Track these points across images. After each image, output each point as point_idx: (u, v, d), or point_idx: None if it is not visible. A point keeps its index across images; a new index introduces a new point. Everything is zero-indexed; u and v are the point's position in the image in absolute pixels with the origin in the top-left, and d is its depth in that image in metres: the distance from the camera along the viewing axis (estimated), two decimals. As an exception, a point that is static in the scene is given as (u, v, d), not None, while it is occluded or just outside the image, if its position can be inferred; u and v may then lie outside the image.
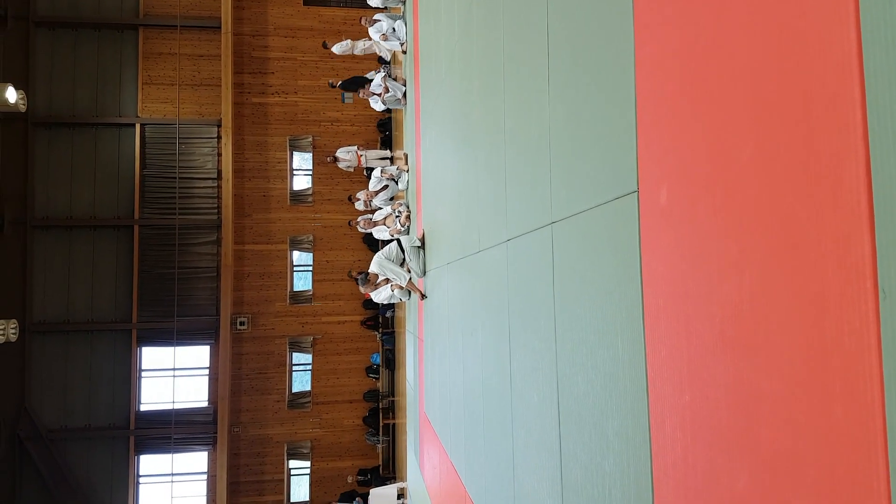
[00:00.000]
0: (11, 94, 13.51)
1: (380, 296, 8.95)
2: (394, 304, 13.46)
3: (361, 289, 8.76)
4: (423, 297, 7.96)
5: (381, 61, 14.94)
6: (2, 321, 13.37)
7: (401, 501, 11.42)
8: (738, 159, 1.43)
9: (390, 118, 15.47)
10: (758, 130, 1.36)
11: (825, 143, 1.17)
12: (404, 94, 11.56)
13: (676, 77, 1.73)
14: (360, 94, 12.54)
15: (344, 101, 16.63)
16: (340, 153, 13.76)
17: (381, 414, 14.89)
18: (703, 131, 1.58)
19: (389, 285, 8.49)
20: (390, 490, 11.80)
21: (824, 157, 1.17)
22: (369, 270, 8.43)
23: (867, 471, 1.07)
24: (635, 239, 1.92)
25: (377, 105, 12.32)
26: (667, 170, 1.76)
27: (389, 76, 12.17)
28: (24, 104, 14.13)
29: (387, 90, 11.73)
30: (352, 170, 14.02)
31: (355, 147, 13.82)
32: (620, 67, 2.06)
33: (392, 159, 13.88)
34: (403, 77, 11.99)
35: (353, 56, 15.44)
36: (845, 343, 1.12)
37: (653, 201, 1.83)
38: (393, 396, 14.60)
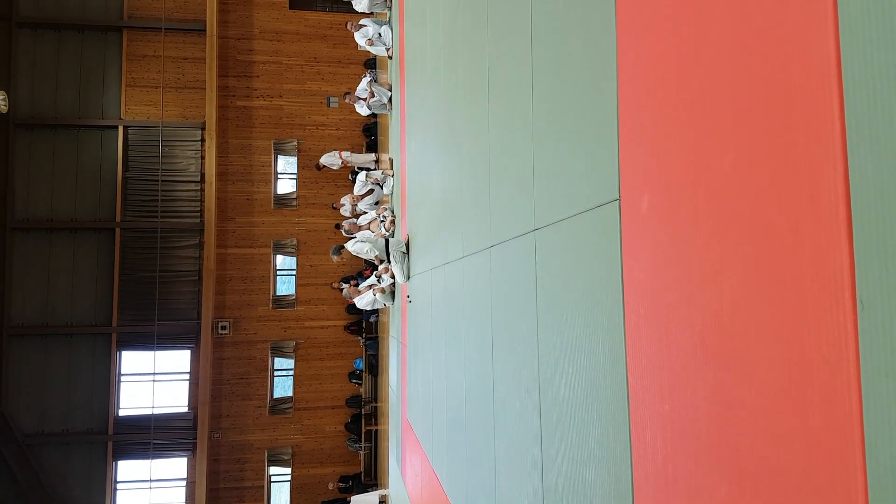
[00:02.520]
0: (-8, 95, 13.37)
1: (363, 301, 8.96)
2: (377, 309, 13.43)
3: (332, 257, 8.84)
4: (391, 277, 8.00)
5: (367, 63, 14.96)
6: (-21, 324, 13.18)
7: (382, 508, 11.35)
8: (719, 168, 1.43)
9: (376, 123, 15.46)
10: (738, 139, 1.36)
11: (804, 152, 1.17)
12: (390, 100, 11.57)
13: (659, 85, 1.73)
14: (346, 100, 12.53)
15: (329, 106, 16.61)
16: (325, 160, 13.73)
17: (363, 420, 14.82)
18: (685, 140, 1.59)
19: (372, 290, 8.49)
20: (372, 497, 11.74)
21: (803, 167, 1.17)
22: (346, 245, 8.50)
23: (846, 481, 1.07)
24: (617, 247, 1.92)
25: (363, 110, 12.32)
26: (648, 178, 1.76)
27: (375, 81, 12.17)
28: (5, 105, 13.99)
29: (372, 95, 11.73)
30: (335, 167, 14.01)
31: (337, 152, 13.81)
32: (603, 75, 2.07)
33: (378, 161, 13.88)
34: (389, 82, 11.99)
35: (340, 62, 15.46)
36: (824, 353, 1.12)
37: (634, 209, 1.83)
38: (376, 402, 14.54)
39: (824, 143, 1.13)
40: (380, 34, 11.59)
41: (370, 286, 9.52)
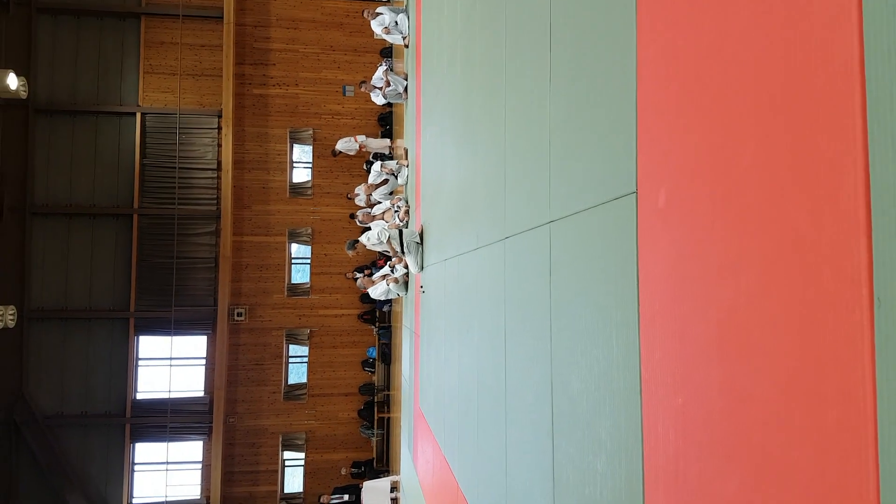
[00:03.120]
0: (13, 81, 13.47)
1: (376, 291, 8.98)
2: (391, 299, 13.47)
3: (347, 251, 8.84)
4: (405, 267, 7.98)
5: (383, 52, 14.93)
6: (0, 307, 13.35)
7: (394, 495, 11.44)
8: (738, 163, 1.42)
9: (391, 112, 15.45)
10: (758, 133, 1.35)
11: (825, 148, 1.16)
12: (405, 89, 11.53)
13: (678, 78, 1.72)
14: (362, 88, 12.50)
15: (345, 95, 16.60)
16: (341, 146, 13.72)
17: (375, 407, 14.90)
18: (704, 133, 1.58)
19: (385, 280, 8.50)
20: (383, 483, 11.83)
21: (823, 163, 1.16)
22: (366, 236, 8.48)
23: (858, 476, 1.07)
24: (633, 240, 1.92)
25: (378, 99, 12.29)
26: (666, 171, 1.75)
27: (391, 70, 12.14)
28: (25, 91, 14.08)
29: (388, 84, 11.69)
30: (352, 153, 13.94)
31: (352, 137, 13.79)
32: (622, 67, 2.05)
33: (392, 148, 13.86)
34: (405, 71, 11.96)
35: (356, 50, 15.43)
36: (839, 350, 1.11)
37: (651, 203, 1.83)
38: (388, 390, 14.61)
39: (845, 138, 1.12)
40: (396, 22, 11.55)
41: (384, 276, 9.55)
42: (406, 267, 8.34)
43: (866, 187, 1.07)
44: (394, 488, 11.52)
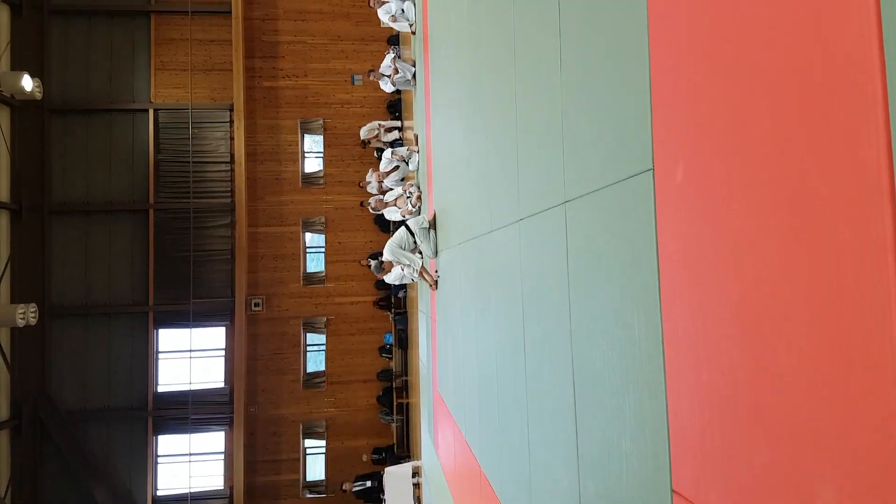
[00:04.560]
0: (27, 83, 13.54)
1: (391, 276, 8.98)
2: (406, 284, 13.50)
3: (376, 274, 8.81)
4: (435, 286, 7.92)
5: (391, 40, 14.87)
6: (22, 305, 13.50)
7: (415, 480, 11.51)
8: (755, 135, 1.40)
9: (400, 99, 15.41)
10: (776, 104, 1.33)
11: (844, 117, 1.14)
12: (414, 75, 11.50)
13: (693, 49, 1.69)
14: (370, 77, 12.48)
15: (354, 84, 16.58)
16: (364, 133, 13.65)
17: (394, 393, 14.98)
18: (721, 106, 1.55)
19: (400, 265, 8.49)
20: (405, 469, 11.90)
21: (844, 132, 1.15)
22: (383, 258, 8.41)
23: (886, 447, 1.06)
24: (651, 217, 1.90)
25: (387, 87, 12.26)
26: (683, 146, 1.73)
27: (399, 57, 12.10)
28: (39, 92, 14.16)
29: (396, 71, 11.66)
30: (375, 132, 13.83)
31: (377, 123, 13.75)
32: (634, 39, 2.03)
33: (401, 129, 13.82)
34: (413, 58, 11.91)
35: (363, 39, 15.36)
36: (865, 319, 1.10)
37: (668, 179, 1.81)
38: (406, 376, 14.67)
39: (865, 107, 1.10)
40: (402, 10, 11.49)
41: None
42: (421, 255, 8.32)
43: (888, 155, 1.06)
44: (415, 474, 11.59)
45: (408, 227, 8.25)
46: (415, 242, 8.20)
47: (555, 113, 2.82)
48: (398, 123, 14.29)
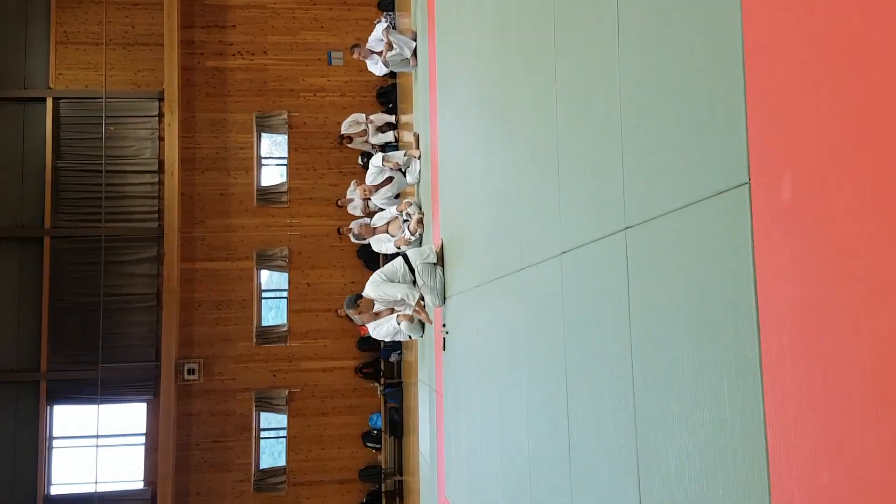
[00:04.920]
0: None
1: (380, 331, 8.87)
2: (400, 342, 13.44)
3: (354, 317, 8.69)
4: (434, 322, 7.93)
5: (382, 4, 15.03)
6: None
7: None
8: (892, 136, 1.40)
9: (394, 85, 15.53)
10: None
11: None
12: (414, 52, 11.58)
13: (802, 22, 1.70)
14: (354, 54, 12.55)
15: (331, 64, 16.72)
16: (346, 127, 13.74)
17: (384, 499, 14.85)
18: (841, 100, 1.55)
19: (395, 315, 8.44)
20: None
21: None
22: (363, 294, 8.35)
23: None
24: (747, 248, 1.90)
25: (377, 68, 12.35)
26: (790, 153, 1.74)
27: (393, 28, 12.21)
28: None
29: (390, 47, 11.74)
30: (360, 128, 13.91)
31: (362, 115, 13.84)
32: (722, 10, 2.04)
33: (396, 126, 13.91)
34: (413, 28, 12.03)
35: (345, 3, 15.56)
36: None
37: (771, 196, 1.81)
38: (400, 475, 14.56)
39: None
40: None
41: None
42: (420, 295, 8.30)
43: None
44: None
45: (406, 258, 8.22)
46: (414, 281, 8.16)
47: (611, 108, 2.85)
48: (392, 118, 14.38)
